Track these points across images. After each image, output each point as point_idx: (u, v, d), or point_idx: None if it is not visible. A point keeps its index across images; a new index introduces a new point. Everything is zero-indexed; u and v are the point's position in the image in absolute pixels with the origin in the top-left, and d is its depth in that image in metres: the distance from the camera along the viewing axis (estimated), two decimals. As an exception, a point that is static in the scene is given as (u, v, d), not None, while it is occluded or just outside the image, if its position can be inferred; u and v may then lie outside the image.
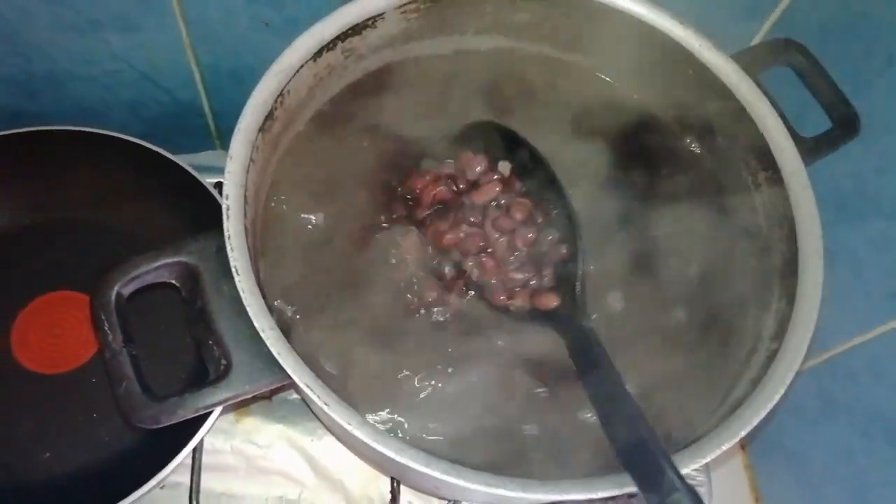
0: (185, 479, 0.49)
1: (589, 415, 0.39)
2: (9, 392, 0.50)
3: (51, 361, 0.51)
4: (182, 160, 0.55)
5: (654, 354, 0.42)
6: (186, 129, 0.64)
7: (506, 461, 0.38)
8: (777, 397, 0.36)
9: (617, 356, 0.39)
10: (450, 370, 0.40)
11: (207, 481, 0.49)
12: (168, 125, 0.63)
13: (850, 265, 0.49)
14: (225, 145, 0.67)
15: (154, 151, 0.54)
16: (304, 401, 0.48)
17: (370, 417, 0.38)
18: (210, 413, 0.45)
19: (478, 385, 0.40)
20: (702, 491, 0.53)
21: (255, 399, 0.51)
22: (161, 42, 0.54)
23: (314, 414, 0.49)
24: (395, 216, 0.44)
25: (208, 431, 0.45)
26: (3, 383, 0.50)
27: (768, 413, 0.36)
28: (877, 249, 0.47)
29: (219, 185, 0.54)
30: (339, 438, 0.47)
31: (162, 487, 0.48)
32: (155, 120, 0.62)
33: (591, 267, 0.43)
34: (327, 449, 0.51)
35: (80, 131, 0.53)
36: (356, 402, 0.36)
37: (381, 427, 0.37)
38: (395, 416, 0.39)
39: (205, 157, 0.61)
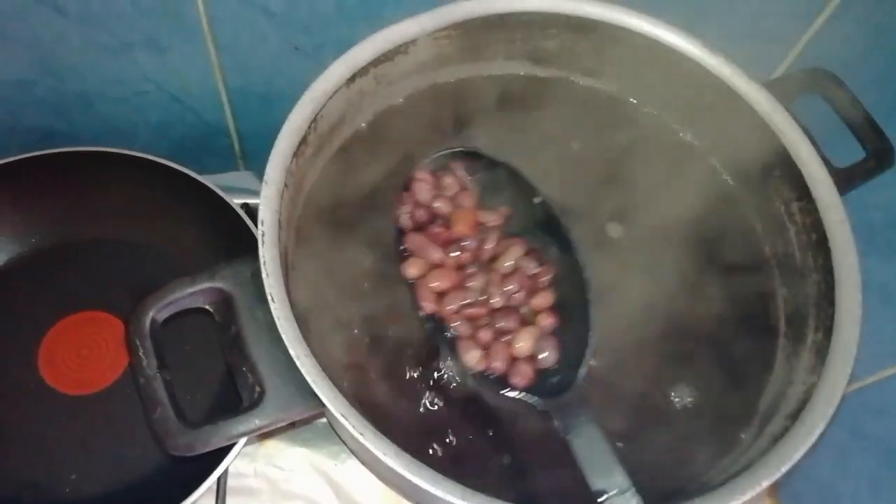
0: (209, 502, 0.48)
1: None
2: (35, 412, 0.49)
3: (77, 382, 0.50)
4: (208, 180, 0.55)
5: (686, 388, 0.42)
6: (211, 150, 0.64)
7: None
8: (818, 432, 0.36)
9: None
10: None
11: (231, 505, 0.49)
12: (193, 146, 0.63)
13: (880, 296, 0.49)
14: (248, 166, 0.67)
15: (182, 172, 0.54)
16: (332, 426, 0.47)
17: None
18: (239, 439, 0.45)
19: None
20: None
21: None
22: (191, 65, 0.55)
23: (340, 438, 0.48)
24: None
25: (236, 457, 0.44)
26: (30, 403, 0.50)
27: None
28: (907, 281, 0.47)
29: (244, 206, 0.55)
30: (365, 464, 0.47)
31: (185, 511, 0.48)
32: (181, 140, 0.62)
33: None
34: (351, 473, 0.51)
35: (109, 152, 0.54)
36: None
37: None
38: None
39: (228, 178, 0.61)
